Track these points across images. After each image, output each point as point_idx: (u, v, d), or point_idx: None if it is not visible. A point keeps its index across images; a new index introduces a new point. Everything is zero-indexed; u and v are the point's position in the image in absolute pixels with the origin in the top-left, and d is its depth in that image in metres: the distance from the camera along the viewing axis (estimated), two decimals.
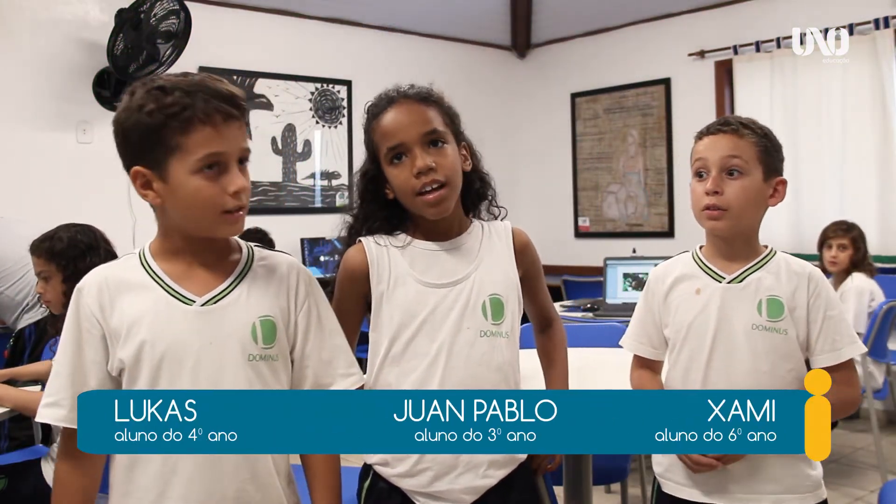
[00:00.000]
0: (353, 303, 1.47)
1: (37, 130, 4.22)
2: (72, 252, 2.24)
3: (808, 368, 1.50)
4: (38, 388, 2.38)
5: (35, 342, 3.13)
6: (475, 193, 1.53)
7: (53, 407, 1.23)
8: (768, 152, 1.50)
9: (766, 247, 1.55)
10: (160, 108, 1.16)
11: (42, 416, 1.24)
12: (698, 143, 1.53)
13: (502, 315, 1.45)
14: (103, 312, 1.23)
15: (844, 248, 3.73)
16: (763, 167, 1.49)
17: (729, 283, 1.51)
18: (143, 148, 1.19)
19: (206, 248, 1.27)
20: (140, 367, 1.22)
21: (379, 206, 1.48)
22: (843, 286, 3.66)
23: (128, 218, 3.93)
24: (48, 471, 2.30)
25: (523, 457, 1.46)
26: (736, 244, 1.52)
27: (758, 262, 1.52)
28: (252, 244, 1.35)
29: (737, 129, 1.49)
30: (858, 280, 3.63)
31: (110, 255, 2.29)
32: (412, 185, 1.40)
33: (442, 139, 1.43)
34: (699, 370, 1.50)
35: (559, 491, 1.96)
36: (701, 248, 1.58)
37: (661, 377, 1.62)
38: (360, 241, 1.48)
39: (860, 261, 3.71)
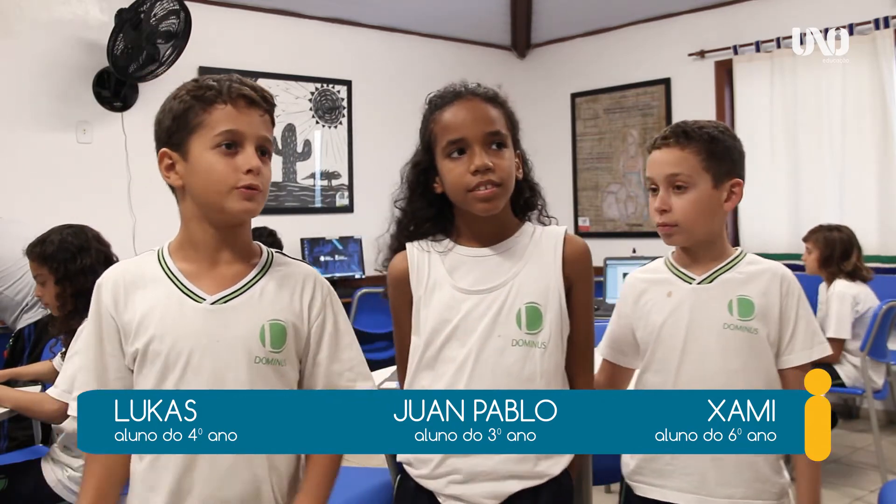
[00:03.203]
0: (402, 310, 1.48)
1: (37, 130, 4.21)
2: (62, 255, 2.25)
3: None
4: (38, 388, 2.38)
5: (35, 342, 3.14)
6: (525, 202, 1.51)
7: None
8: (716, 158, 1.49)
9: (737, 248, 1.56)
10: (188, 91, 1.25)
11: (74, 410, 1.25)
12: (648, 157, 1.55)
13: (539, 325, 1.41)
14: (117, 307, 1.27)
15: (809, 250, 3.73)
16: (711, 174, 1.49)
17: (699, 283, 1.53)
18: (171, 130, 1.26)
19: (225, 244, 1.29)
20: (147, 362, 1.25)
21: (427, 203, 1.48)
22: (829, 290, 3.65)
23: (128, 218, 3.93)
24: (48, 471, 2.30)
25: (553, 472, 1.40)
26: (700, 251, 1.54)
27: (728, 262, 1.54)
28: (274, 251, 1.36)
29: (678, 139, 1.49)
30: (840, 285, 3.59)
31: (102, 254, 2.29)
32: (466, 181, 1.39)
33: (503, 142, 1.43)
34: (671, 370, 1.51)
35: None
36: (672, 253, 1.61)
37: (632, 381, 1.63)
38: (405, 246, 1.49)
39: (827, 264, 3.66)
